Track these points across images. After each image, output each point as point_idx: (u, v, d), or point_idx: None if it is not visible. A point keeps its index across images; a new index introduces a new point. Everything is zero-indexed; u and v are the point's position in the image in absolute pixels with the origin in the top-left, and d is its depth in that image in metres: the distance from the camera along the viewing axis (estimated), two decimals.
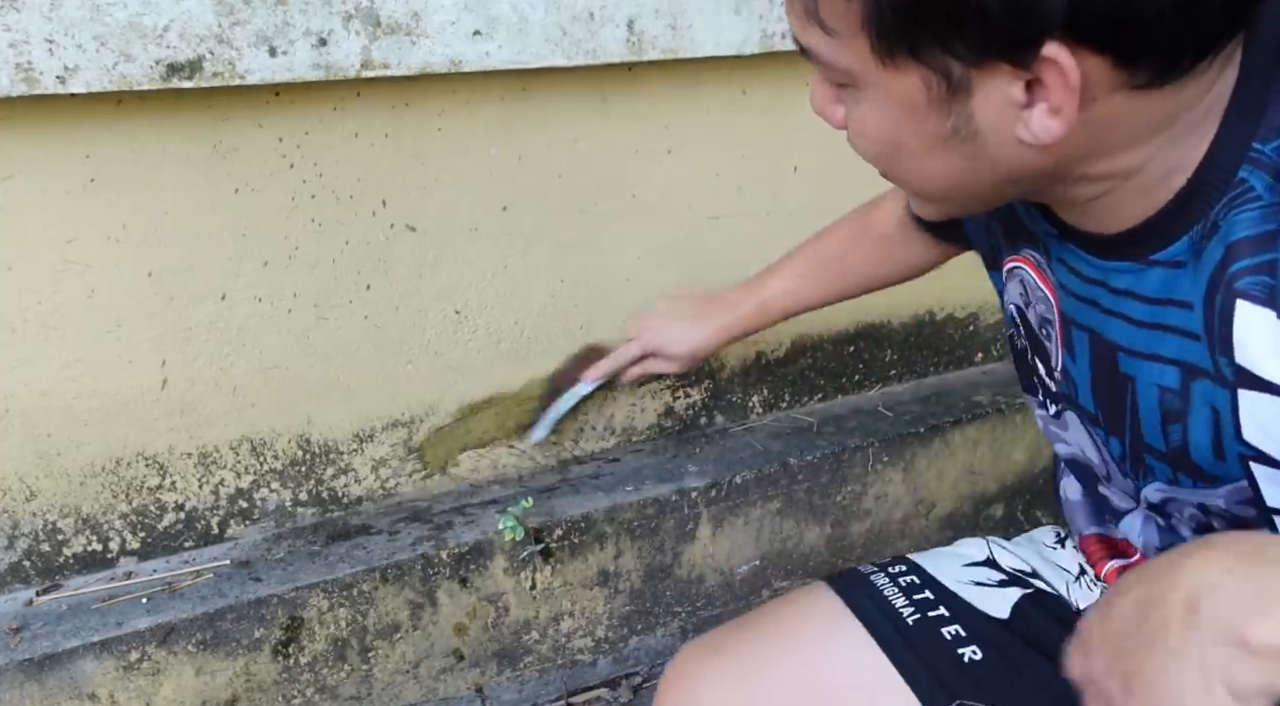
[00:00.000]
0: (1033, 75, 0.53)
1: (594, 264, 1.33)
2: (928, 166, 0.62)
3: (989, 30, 0.51)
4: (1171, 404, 0.65)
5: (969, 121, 0.57)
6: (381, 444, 1.27)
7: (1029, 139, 0.56)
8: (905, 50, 0.55)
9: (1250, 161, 0.57)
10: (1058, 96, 0.53)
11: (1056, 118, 0.54)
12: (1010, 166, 0.60)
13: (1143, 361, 0.66)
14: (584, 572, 1.31)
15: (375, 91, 1.12)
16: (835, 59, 0.59)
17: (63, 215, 1.03)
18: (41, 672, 1.03)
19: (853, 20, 0.55)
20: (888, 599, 0.88)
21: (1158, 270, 0.62)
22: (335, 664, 1.19)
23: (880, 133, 0.61)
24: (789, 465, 1.40)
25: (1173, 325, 0.63)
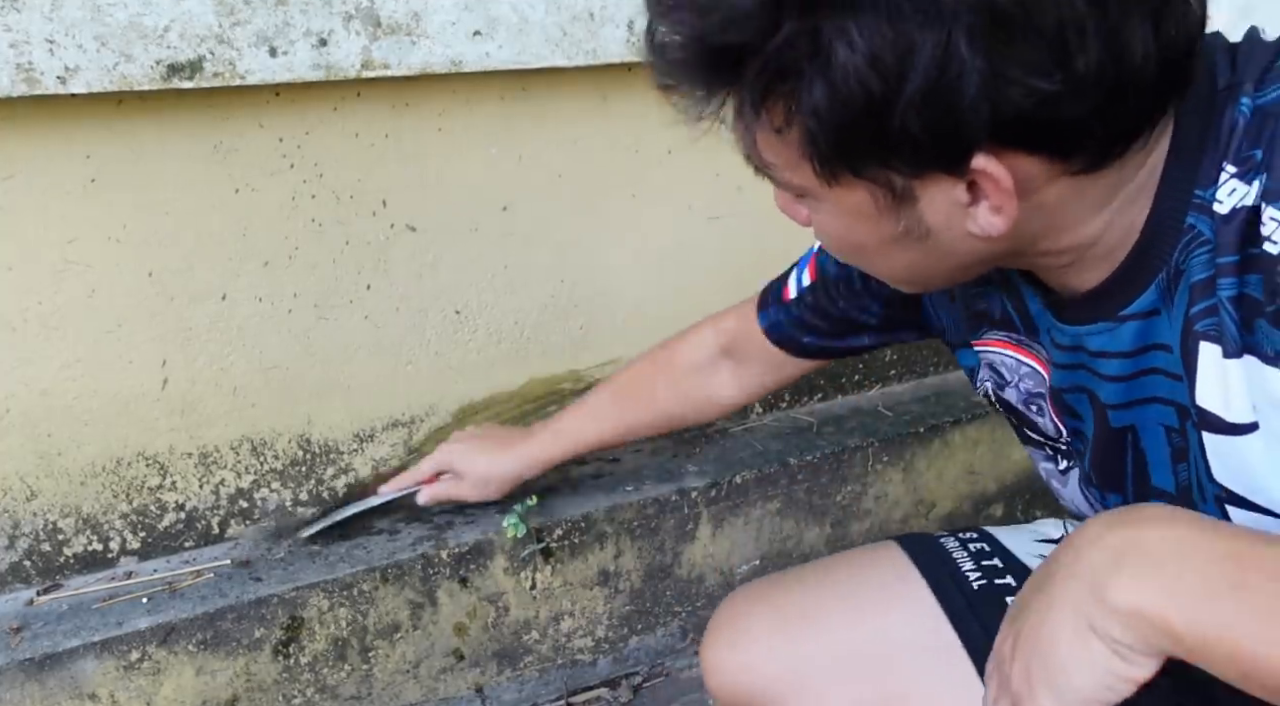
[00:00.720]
0: (968, 179, 0.55)
1: (594, 264, 1.33)
2: (890, 261, 0.64)
3: (919, 151, 0.53)
4: (1176, 442, 0.65)
5: (920, 223, 0.59)
6: (381, 444, 1.27)
7: (979, 233, 0.58)
8: (846, 171, 0.56)
9: (1194, 208, 0.58)
10: (996, 198, 0.55)
11: (999, 215, 0.56)
12: (968, 254, 0.62)
13: (1139, 408, 0.67)
14: (584, 572, 1.31)
15: (375, 91, 1.12)
16: (786, 178, 0.61)
17: (63, 215, 1.03)
18: (42, 672, 1.04)
19: (791, 153, 0.57)
20: (956, 562, 0.88)
21: (1130, 324, 0.64)
22: (335, 664, 1.19)
23: (840, 236, 0.64)
24: (789, 465, 1.40)
25: (1159, 368, 0.64)
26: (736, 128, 0.60)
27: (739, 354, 1.06)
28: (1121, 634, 0.49)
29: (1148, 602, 0.48)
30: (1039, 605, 0.53)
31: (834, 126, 0.53)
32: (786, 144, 0.57)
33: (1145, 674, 0.49)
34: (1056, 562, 0.53)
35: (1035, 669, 0.52)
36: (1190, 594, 0.47)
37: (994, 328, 0.77)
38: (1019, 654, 0.54)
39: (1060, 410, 0.75)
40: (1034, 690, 0.52)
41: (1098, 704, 0.50)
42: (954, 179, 0.55)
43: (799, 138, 0.56)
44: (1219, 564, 0.47)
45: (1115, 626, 0.49)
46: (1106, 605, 0.49)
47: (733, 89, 0.57)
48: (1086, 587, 0.50)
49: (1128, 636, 0.48)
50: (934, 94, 0.50)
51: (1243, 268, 0.56)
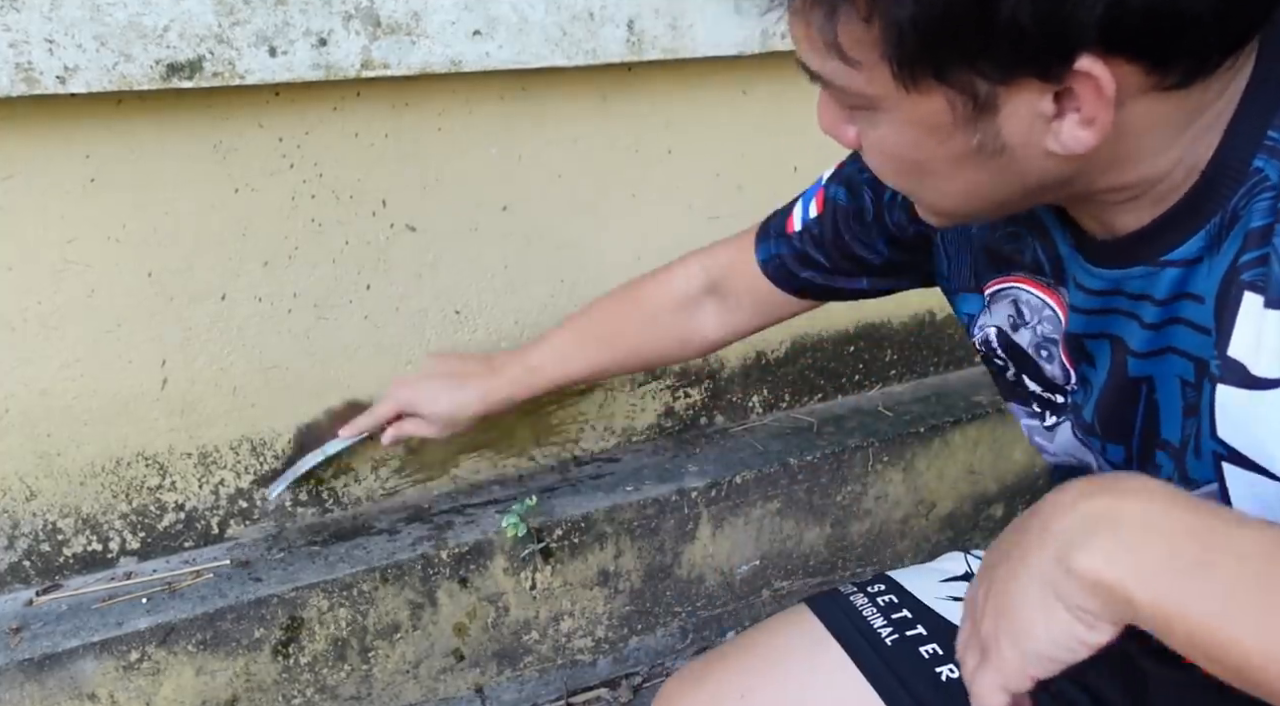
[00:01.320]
0: (1063, 87, 0.51)
1: (594, 264, 1.33)
2: (951, 184, 0.60)
3: (1021, 47, 0.49)
4: (1190, 397, 0.63)
5: (995, 137, 0.55)
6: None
7: (1059, 150, 0.54)
8: (929, 73, 0.52)
9: (1266, 150, 0.55)
10: (1091, 108, 0.51)
11: (1090, 128, 0.52)
12: (1038, 177, 0.58)
13: (1159, 358, 0.64)
14: (584, 572, 1.31)
15: (375, 91, 1.12)
16: (851, 85, 0.56)
17: (63, 215, 1.03)
18: (41, 672, 1.03)
19: (872, 47, 0.52)
20: (866, 619, 0.89)
21: (1171, 271, 0.61)
22: (335, 664, 1.19)
23: (901, 153, 0.59)
24: (789, 465, 1.40)
25: (1185, 319, 0.61)
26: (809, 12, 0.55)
27: (726, 289, 1.02)
28: (1083, 601, 0.49)
29: (1111, 573, 0.48)
30: (1010, 563, 0.54)
31: (932, 16, 0.49)
32: (869, 35, 0.52)
33: (1104, 639, 0.50)
34: (1032, 520, 0.53)
35: (1002, 622, 0.53)
36: (1154, 568, 0.47)
37: (1022, 269, 0.73)
38: (989, 606, 0.55)
39: (1075, 356, 0.72)
40: (999, 641, 0.53)
41: (1056, 661, 0.52)
42: (1044, 87, 0.51)
43: (882, 30, 0.51)
44: (1187, 540, 0.47)
45: (1078, 593, 0.49)
46: (1072, 572, 0.49)
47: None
48: (1055, 553, 0.50)
49: (1089, 603, 0.49)
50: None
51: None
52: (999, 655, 0.54)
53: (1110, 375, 0.69)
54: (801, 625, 0.90)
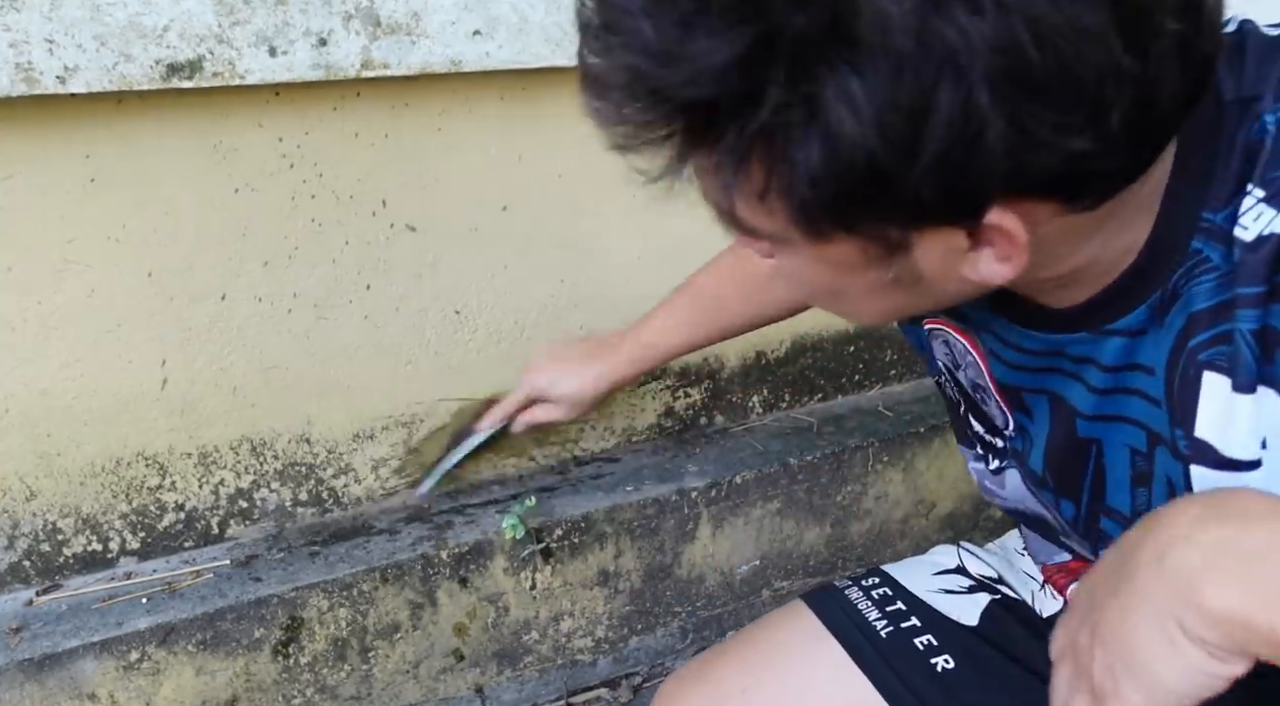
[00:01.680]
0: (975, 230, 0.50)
1: (594, 264, 1.33)
2: (868, 306, 0.59)
3: (925, 211, 0.48)
4: (1140, 467, 0.63)
5: (911, 270, 0.54)
6: (381, 444, 1.27)
7: (976, 279, 0.53)
8: (839, 229, 0.50)
9: (1202, 232, 0.54)
10: (1004, 249, 0.50)
11: (1006, 264, 0.51)
12: (958, 294, 0.57)
13: (1107, 425, 0.64)
14: (584, 572, 1.31)
15: (375, 91, 1.12)
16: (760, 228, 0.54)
17: (63, 215, 1.03)
18: (41, 672, 1.03)
19: (774, 216, 0.51)
20: (862, 613, 0.89)
21: (1115, 339, 0.61)
22: (335, 664, 1.19)
23: (814, 283, 0.58)
24: (789, 465, 1.40)
25: (1137, 389, 0.61)
26: (707, 183, 0.54)
27: None
28: (1216, 637, 0.47)
29: (1244, 608, 0.46)
30: (1121, 600, 0.50)
31: (831, 193, 0.47)
32: (768, 205, 0.51)
33: (1239, 671, 0.48)
34: (1138, 552, 0.50)
35: (1120, 667, 0.50)
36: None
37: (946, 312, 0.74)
38: (1100, 649, 0.52)
39: (1011, 404, 0.72)
40: (1120, 687, 0.50)
41: (1186, 699, 0.49)
42: (957, 228, 0.50)
43: (785, 201, 0.49)
44: None
45: (1209, 631, 0.47)
46: (1200, 609, 0.47)
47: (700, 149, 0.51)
48: (1176, 589, 0.47)
49: (1223, 640, 0.47)
50: (949, 158, 0.44)
51: (1271, 297, 0.52)
52: (1119, 698, 0.50)
53: (1055, 430, 0.69)
54: (799, 621, 0.91)
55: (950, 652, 0.85)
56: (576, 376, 1.14)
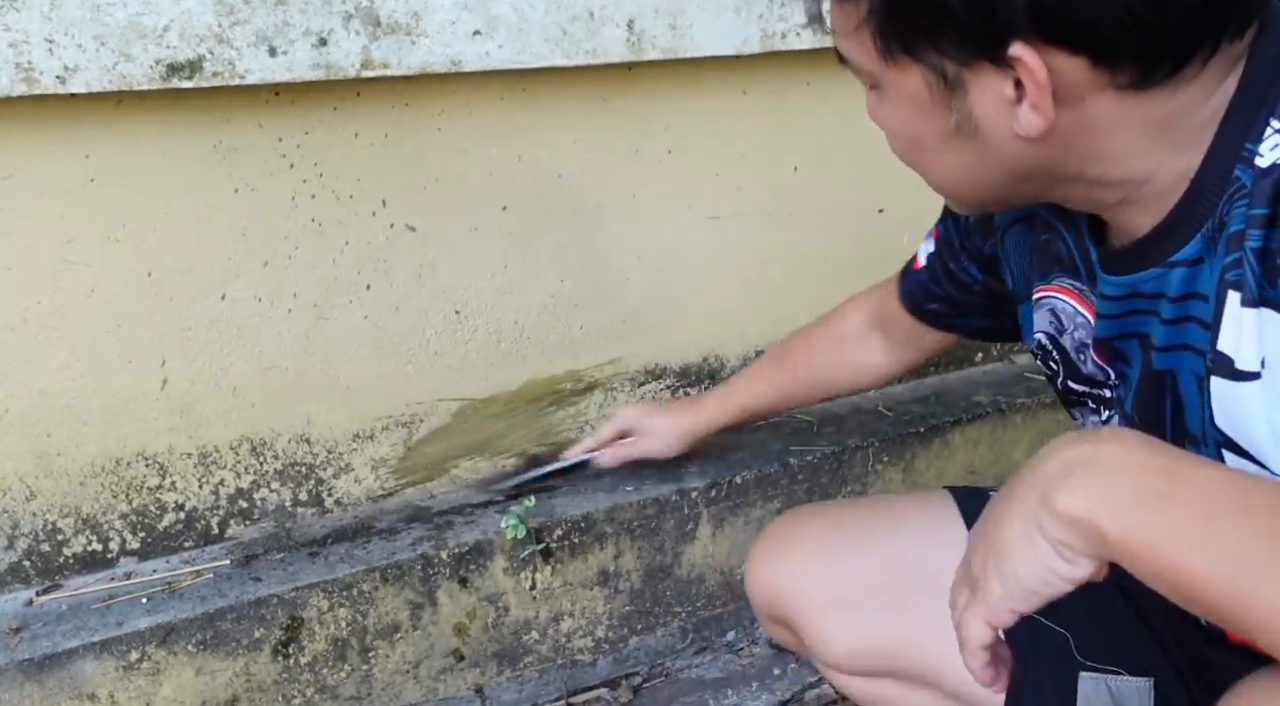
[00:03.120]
0: (1015, 74, 0.58)
1: (594, 264, 1.33)
2: (944, 161, 0.67)
3: (961, 30, 0.58)
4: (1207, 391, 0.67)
5: (969, 117, 0.62)
6: (381, 444, 1.27)
7: (1022, 132, 0.61)
8: (901, 49, 0.61)
9: (1242, 161, 0.60)
10: (1034, 93, 0.58)
11: (1036, 113, 0.59)
12: (1015, 161, 0.64)
13: (1175, 354, 0.69)
14: (584, 572, 1.31)
15: (375, 91, 1.12)
16: (857, 60, 0.65)
17: (63, 215, 1.03)
18: (41, 672, 1.03)
19: (854, 21, 0.63)
20: None
21: (1179, 270, 0.66)
22: (335, 664, 1.19)
23: (900, 128, 0.67)
24: (789, 465, 1.40)
25: (1195, 316, 0.66)
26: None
27: (886, 325, 1.11)
28: (1062, 536, 0.53)
29: (1084, 509, 0.52)
30: (1003, 504, 0.58)
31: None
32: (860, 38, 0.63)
33: (1082, 574, 0.54)
34: (1023, 470, 0.58)
35: (990, 559, 0.57)
36: (1122, 503, 0.51)
37: (1063, 272, 0.79)
38: (980, 546, 0.59)
39: (1109, 356, 0.77)
40: (987, 577, 0.57)
41: (1036, 595, 0.56)
42: (1000, 72, 0.59)
43: (863, 15, 0.61)
44: (1154, 477, 0.51)
45: (1057, 529, 0.53)
46: (1051, 510, 0.53)
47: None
48: (1039, 493, 0.54)
49: (1067, 538, 0.53)
50: None
51: (1270, 221, 0.58)
52: (985, 589, 0.57)
53: (1141, 368, 0.73)
54: (939, 503, 0.97)
55: None
56: (668, 416, 1.25)
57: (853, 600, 0.94)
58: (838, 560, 0.96)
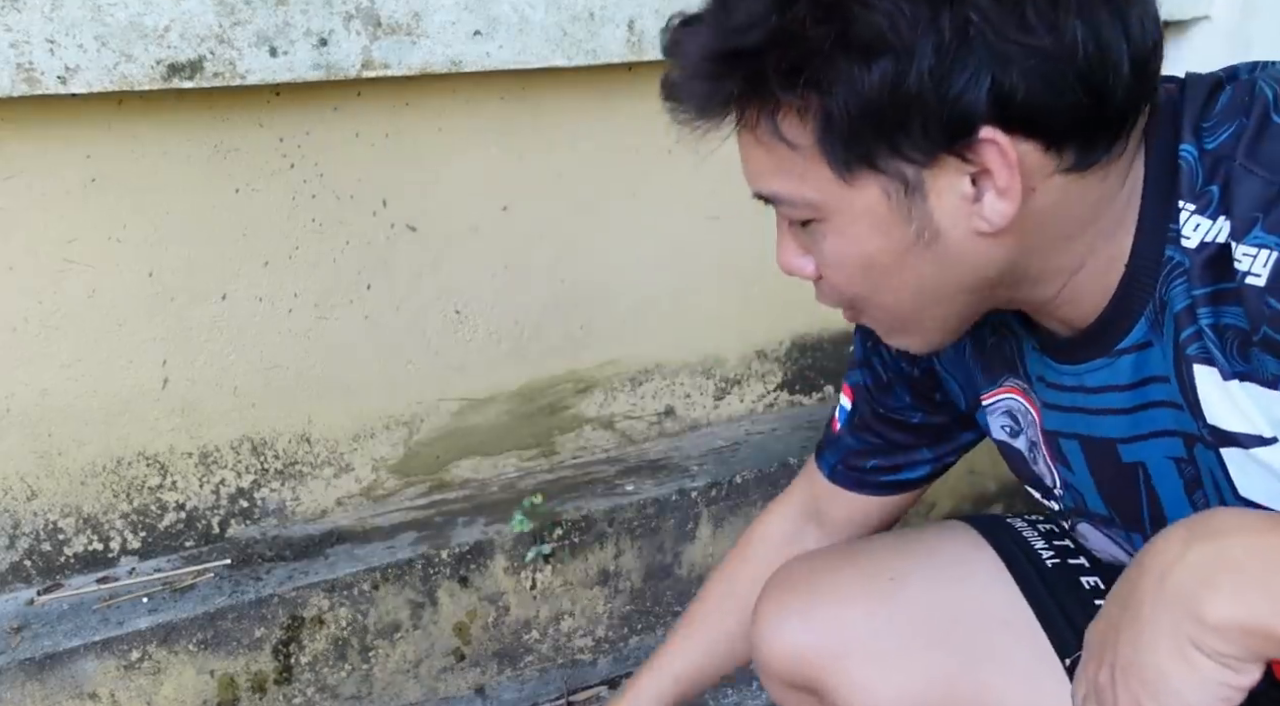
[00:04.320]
0: (977, 166, 0.58)
1: (594, 264, 1.33)
2: (901, 280, 0.64)
3: (927, 122, 0.56)
4: (1188, 472, 0.67)
5: (930, 222, 0.60)
6: (382, 443, 1.27)
7: (985, 228, 0.60)
8: (860, 160, 0.58)
9: (1170, 240, 0.61)
10: (1002, 178, 0.57)
11: (1005, 198, 0.58)
12: (975, 263, 0.62)
13: (1145, 442, 0.68)
14: (584, 572, 1.31)
15: (376, 91, 1.12)
16: (798, 193, 0.62)
17: (63, 215, 1.03)
18: (42, 672, 1.04)
19: (807, 161, 0.60)
20: (1027, 540, 0.88)
21: (1127, 358, 0.66)
22: (336, 663, 1.19)
23: (851, 254, 0.63)
24: (789, 465, 1.40)
25: (1159, 400, 0.66)
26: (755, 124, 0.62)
27: (820, 516, 0.97)
28: (1227, 647, 0.49)
29: (1247, 614, 0.48)
30: (1131, 633, 0.53)
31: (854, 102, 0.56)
32: (801, 151, 0.60)
33: (1253, 679, 0.50)
34: (1137, 587, 0.53)
35: (1144, 695, 0.52)
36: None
37: (1008, 372, 0.78)
38: (1122, 684, 0.54)
39: (1054, 455, 0.77)
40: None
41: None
42: (961, 166, 0.58)
43: (815, 135, 0.58)
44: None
45: (1219, 642, 0.49)
46: (1206, 623, 0.49)
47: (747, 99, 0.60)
48: (1181, 609, 0.50)
49: (1233, 649, 0.49)
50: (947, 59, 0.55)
51: (1217, 299, 0.59)
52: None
53: (1097, 467, 0.73)
54: (960, 533, 0.90)
55: None
56: None
57: (895, 647, 0.84)
58: (873, 604, 0.86)
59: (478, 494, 1.33)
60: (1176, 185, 0.61)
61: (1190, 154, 0.61)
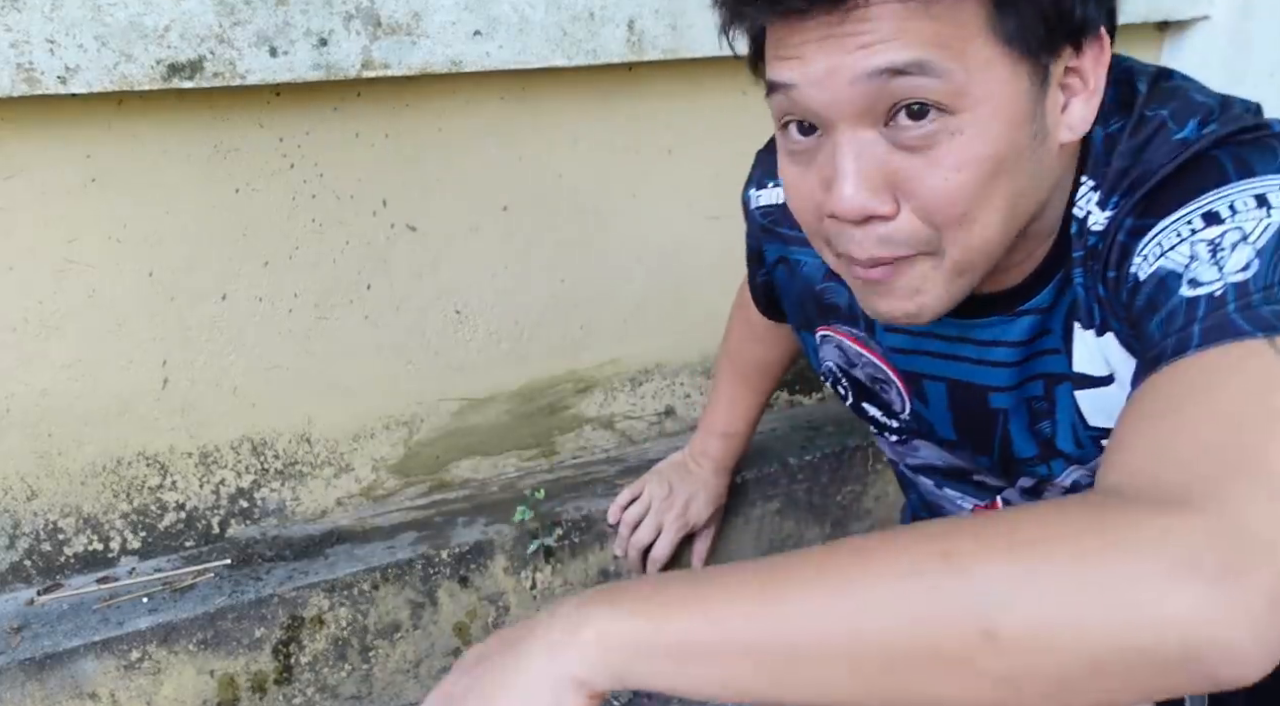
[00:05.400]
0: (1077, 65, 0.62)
1: (594, 264, 1.33)
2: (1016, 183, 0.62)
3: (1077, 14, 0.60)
4: (1040, 407, 0.77)
5: (1042, 122, 0.62)
6: (382, 443, 1.27)
7: (1068, 135, 0.64)
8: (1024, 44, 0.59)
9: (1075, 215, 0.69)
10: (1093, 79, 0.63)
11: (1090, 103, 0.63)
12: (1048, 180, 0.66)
13: (1014, 391, 0.77)
14: (584, 572, 1.31)
15: (376, 91, 1.12)
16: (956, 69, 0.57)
17: (63, 215, 1.03)
18: (42, 672, 1.04)
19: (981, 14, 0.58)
20: None
21: (1026, 318, 0.73)
22: (336, 663, 1.19)
23: (983, 153, 0.60)
24: (789, 465, 1.40)
25: (1046, 348, 0.74)
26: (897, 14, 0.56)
27: None
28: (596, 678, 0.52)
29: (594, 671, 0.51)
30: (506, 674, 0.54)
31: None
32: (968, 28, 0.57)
33: None
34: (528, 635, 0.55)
35: None
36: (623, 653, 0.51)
37: (839, 320, 0.85)
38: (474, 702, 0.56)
39: (912, 392, 0.84)
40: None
41: None
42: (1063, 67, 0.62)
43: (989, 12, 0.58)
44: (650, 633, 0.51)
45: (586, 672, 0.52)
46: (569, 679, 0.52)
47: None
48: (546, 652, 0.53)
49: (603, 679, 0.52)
50: None
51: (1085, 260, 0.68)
52: None
53: (961, 407, 0.81)
54: None
55: None
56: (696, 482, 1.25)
57: None
58: None
59: (478, 494, 1.33)
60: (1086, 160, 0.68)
61: (1098, 136, 0.67)
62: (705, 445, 1.25)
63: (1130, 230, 0.64)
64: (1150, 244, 0.62)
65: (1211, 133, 0.63)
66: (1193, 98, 0.66)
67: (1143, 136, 0.65)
